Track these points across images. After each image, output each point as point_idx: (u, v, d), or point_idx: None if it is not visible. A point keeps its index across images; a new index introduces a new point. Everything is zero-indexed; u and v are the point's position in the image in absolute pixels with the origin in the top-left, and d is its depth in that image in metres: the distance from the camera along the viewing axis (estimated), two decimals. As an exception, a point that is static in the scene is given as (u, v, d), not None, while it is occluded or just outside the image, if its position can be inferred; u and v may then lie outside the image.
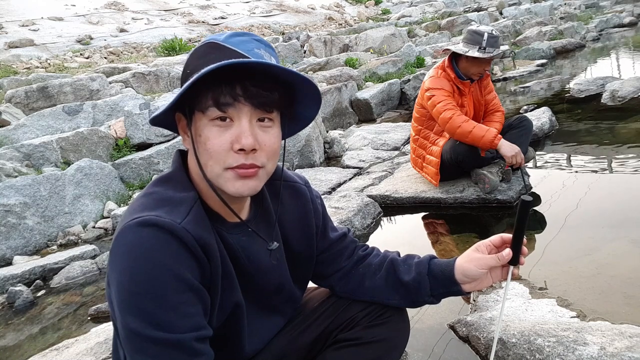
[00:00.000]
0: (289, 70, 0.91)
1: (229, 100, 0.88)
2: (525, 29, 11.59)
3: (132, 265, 0.85)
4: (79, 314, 2.45)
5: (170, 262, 0.86)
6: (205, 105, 0.90)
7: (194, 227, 0.90)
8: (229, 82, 0.88)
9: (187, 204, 0.93)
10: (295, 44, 10.40)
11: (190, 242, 0.88)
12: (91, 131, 4.41)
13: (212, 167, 0.91)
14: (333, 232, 1.27)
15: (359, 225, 2.86)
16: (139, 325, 0.85)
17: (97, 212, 3.67)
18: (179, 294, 0.87)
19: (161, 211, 0.89)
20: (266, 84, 0.91)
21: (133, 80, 7.13)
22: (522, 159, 2.79)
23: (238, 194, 0.93)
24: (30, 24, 13.25)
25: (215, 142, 0.90)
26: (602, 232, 2.37)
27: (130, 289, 0.85)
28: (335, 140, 4.76)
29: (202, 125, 0.91)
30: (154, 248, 0.85)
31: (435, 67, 3.11)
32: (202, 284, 0.93)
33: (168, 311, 0.86)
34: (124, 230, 0.87)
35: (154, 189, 0.96)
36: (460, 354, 1.65)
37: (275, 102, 0.93)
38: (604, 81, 5.38)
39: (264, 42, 0.97)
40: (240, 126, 0.90)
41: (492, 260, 1.08)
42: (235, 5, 18.68)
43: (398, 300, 1.21)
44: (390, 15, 18.82)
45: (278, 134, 0.97)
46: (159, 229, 0.86)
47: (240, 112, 0.90)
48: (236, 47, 0.91)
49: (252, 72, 0.89)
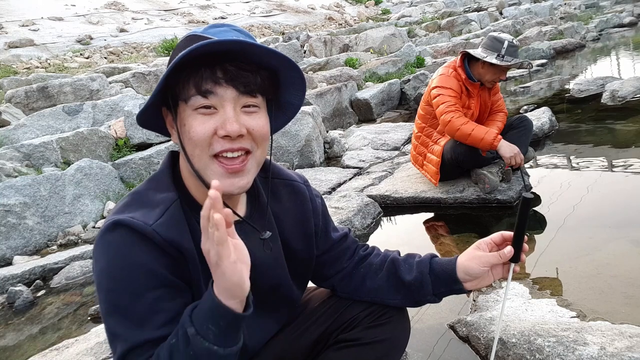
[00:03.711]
0: (269, 48, 0.90)
1: (210, 84, 0.88)
2: (525, 29, 11.59)
3: (107, 265, 0.89)
4: (79, 314, 2.45)
5: (142, 259, 0.88)
6: (187, 94, 0.89)
7: (165, 229, 0.91)
8: (209, 66, 0.88)
9: (163, 205, 0.94)
10: (295, 44, 10.40)
11: (160, 243, 0.90)
12: (91, 131, 4.41)
13: (199, 156, 0.91)
14: (334, 233, 1.26)
15: (359, 225, 2.86)
16: (115, 322, 0.88)
17: (97, 212, 3.67)
18: (153, 289, 0.88)
19: (138, 212, 0.91)
20: (247, 66, 0.90)
21: (133, 80, 7.13)
22: (522, 160, 2.79)
23: (227, 193, 0.92)
24: (30, 24, 13.25)
25: (198, 129, 0.89)
26: (602, 232, 2.37)
27: (107, 287, 0.89)
28: (335, 140, 4.76)
29: (186, 116, 0.91)
30: (125, 247, 0.88)
31: (446, 65, 3.08)
32: (182, 280, 0.93)
33: (142, 306, 0.87)
34: (101, 233, 0.91)
35: (139, 188, 0.99)
36: (460, 354, 1.65)
37: (259, 85, 0.92)
38: (604, 81, 5.38)
39: (244, 32, 0.96)
40: (225, 113, 0.89)
41: (494, 258, 1.08)
42: (235, 5, 18.68)
43: (399, 300, 1.21)
44: (390, 15, 18.83)
45: (265, 118, 0.96)
46: (130, 229, 0.88)
47: (223, 99, 0.89)
48: (215, 36, 0.91)
49: (232, 56, 0.88)
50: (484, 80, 2.97)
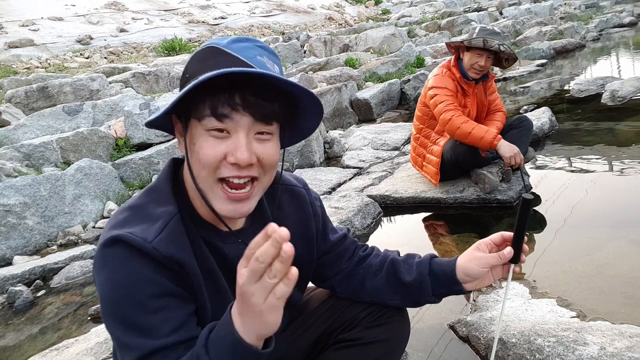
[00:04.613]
0: (291, 82, 0.87)
1: (227, 109, 0.85)
2: (525, 29, 11.59)
3: (109, 278, 0.88)
4: (79, 314, 2.45)
5: (143, 271, 0.87)
6: (202, 114, 0.87)
7: (165, 245, 0.89)
8: (227, 90, 0.85)
9: (163, 219, 0.92)
10: (295, 44, 10.40)
11: (161, 259, 0.89)
12: (91, 131, 4.41)
13: (205, 178, 0.89)
14: (333, 234, 1.26)
15: (359, 225, 2.86)
16: (122, 332, 0.87)
17: (97, 212, 3.67)
18: (158, 298, 0.88)
19: (137, 228, 0.90)
20: (266, 94, 0.88)
21: (133, 80, 7.13)
22: (522, 159, 2.79)
23: (228, 217, 0.92)
24: (30, 24, 13.25)
25: (208, 152, 0.87)
26: (602, 232, 2.37)
27: (112, 298, 0.88)
28: (335, 140, 4.76)
29: (197, 134, 0.88)
30: (126, 262, 0.87)
31: (441, 65, 3.10)
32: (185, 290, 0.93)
33: (148, 316, 0.87)
34: (100, 247, 0.90)
35: (139, 202, 0.97)
36: (460, 354, 1.65)
37: (275, 113, 0.90)
38: (604, 81, 5.38)
39: (267, 49, 0.94)
40: (238, 139, 0.87)
41: (494, 259, 1.08)
42: (235, 5, 18.68)
43: (399, 300, 1.21)
44: (390, 15, 18.83)
45: (277, 146, 0.94)
46: (129, 246, 0.87)
47: (238, 124, 0.86)
48: (238, 53, 0.89)
49: (252, 81, 0.86)
50: (468, 69, 2.98)
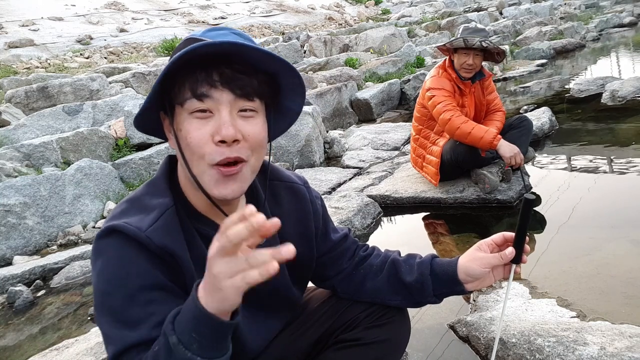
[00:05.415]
0: (266, 51, 0.87)
1: (206, 87, 0.86)
2: (525, 29, 11.60)
3: (102, 268, 0.89)
4: (79, 314, 2.45)
5: (136, 262, 0.88)
6: (183, 97, 0.88)
7: (158, 235, 0.90)
8: (204, 69, 0.86)
9: (158, 210, 0.93)
10: (295, 44, 10.39)
11: (154, 249, 0.89)
12: (91, 131, 4.41)
13: (198, 163, 0.90)
14: (334, 234, 1.25)
15: (359, 225, 2.86)
16: (108, 324, 0.88)
17: (97, 212, 3.67)
18: (149, 291, 0.88)
19: (133, 218, 0.91)
20: (243, 68, 0.89)
21: (133, 80, 7.13)
22: (521, 159, 2.79)
23: (221, 197, 0.92)
24: (30, 24, 13.26)
25: (195, 134, 0.88)
26: (602, 232, 2.37)
27: (102, 290, 0.89)
28: (335, 140, 4.76)
29: (182, 119, 0.89)
30: (119, 251, 0.88)
31: (437, 66, 3.12)
32: (176, 285, 0.93)
33: (135, 308, 0.87)
34: (97, 238, 0.91)
35: (136, 194, 0.99)
36: (460, 354, 1.65)
37: (256, 88, 0.90)
38: (604, 81, 5.38)
39: (244, 35, 0.95)
40: (220, 117, 0.87)
41: (495, 259, 1.08)
42: (235, 5, 18.69)
43: (400, 300, 1.21)
44: (390, 15, 18.82)
45: (262, 124, 0.94)
46: (124, 235, 0.88)
47: (219, 102, 0.87)
48: (213, 39, 0.89)
49: (229, 59, 0.87)
50: (458, 70, 3.00)
